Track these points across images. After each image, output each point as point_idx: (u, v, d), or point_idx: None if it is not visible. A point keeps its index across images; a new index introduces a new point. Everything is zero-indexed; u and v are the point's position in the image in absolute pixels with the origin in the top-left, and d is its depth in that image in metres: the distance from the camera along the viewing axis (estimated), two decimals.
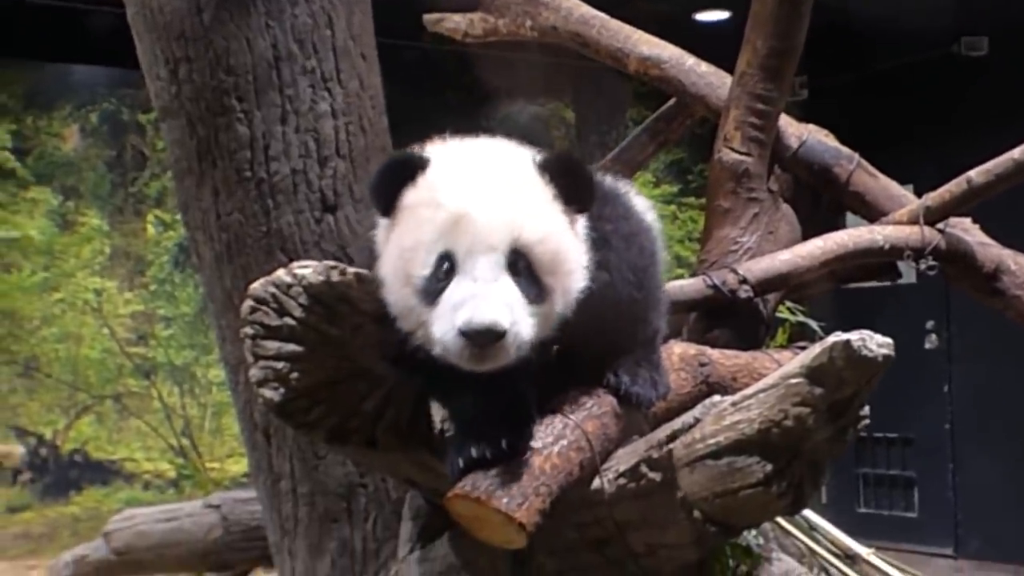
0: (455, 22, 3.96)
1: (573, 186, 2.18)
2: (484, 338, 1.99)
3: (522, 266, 2.08)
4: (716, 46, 3.80)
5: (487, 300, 2.00)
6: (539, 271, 2.10)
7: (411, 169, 2.15)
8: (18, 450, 8.56)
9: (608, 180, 2.52)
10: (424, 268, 2.08)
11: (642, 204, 2.58)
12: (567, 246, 2.16)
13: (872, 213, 3.48)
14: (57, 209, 8.71)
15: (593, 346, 2.31)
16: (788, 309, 3.84)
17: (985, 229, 3.46)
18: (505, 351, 2.02)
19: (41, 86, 8.71)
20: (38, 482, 8.62)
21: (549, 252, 2.11)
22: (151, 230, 9.07)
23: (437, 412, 2.34)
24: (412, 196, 2.14)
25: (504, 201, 2.10)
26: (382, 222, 2.21)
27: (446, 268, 2.06)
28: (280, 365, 2.24)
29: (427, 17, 4.03)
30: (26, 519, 8.53)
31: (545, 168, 2.18)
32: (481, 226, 2.06)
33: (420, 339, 2.12)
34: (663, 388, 2.47)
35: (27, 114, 8.65)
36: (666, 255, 2.66)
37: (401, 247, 2.12)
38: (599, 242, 2.26)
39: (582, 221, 2.24)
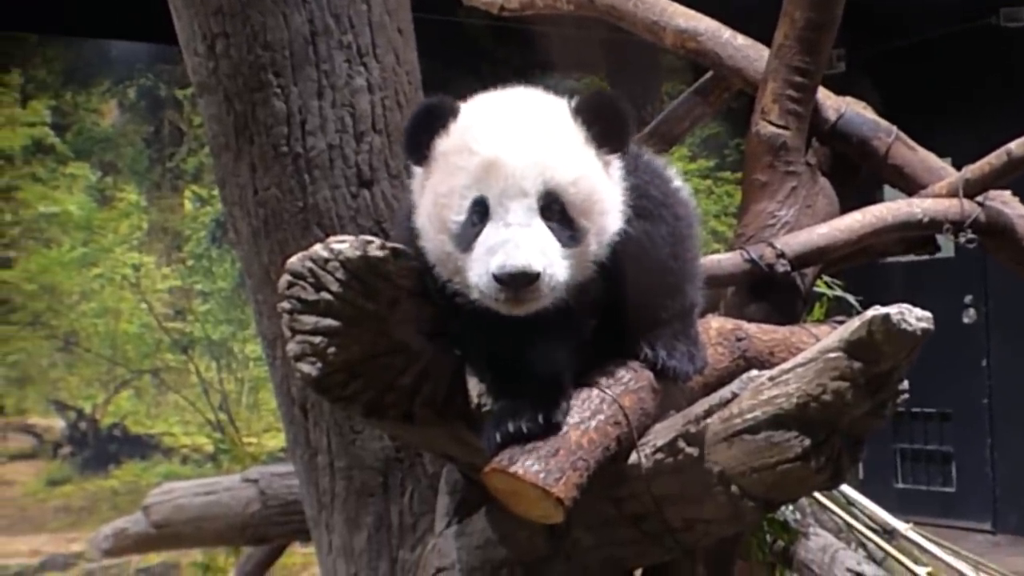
0: None
1: (608, 127, 2.19)
2: (518, 281, 2.03)
3: (555, 209, 2.11)
4: (753, 19, 3.77)
5: (519, 244, 2.03)
6: (572, 213, 2.12)
7: (442, 116, 2.18)
8: (58, 424, 8.64)
9: (642, 149, 2.52)
10: (458, 214, 2.12)
11: (677, 178, 2.58)
12: (600, 188, 2.17)
13: (911, 186, 3.46)
14: (95, 185, 8.75)
15: (629, 314, 2.30)
16: (826, 283, 3.82)
17: None
18: (540, 293, 2.06)
19: (80, 62, 8.75)
20: (78, 456, 8.69)
21: (582, 194, 2.13)
22: (188, 205, 9.11)
23: (474, 387, 2.34)
24: (445, 143, 2.17)
25: (535, 145, 2.11)
26: (417, 171, 2.25)
27: (480, 213, 2.09)
28: (317, 339, 2.25)
29: None
30: (66, 492, 8.61)
31: (579, 111, 2.20)
32: (513, 170, 2.08)
33: (458, 285, 2.17)
34: (700, 362, 2.46)
35: (66, 90, 8.69)
36: (702, 231, 2.65)
37: (436, 194, 2.15)
38: (636, 201, 2.27)
39: (617, 163, 2.24)
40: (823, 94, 3.42)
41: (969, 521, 9.99)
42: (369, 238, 2.27)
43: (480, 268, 2.06)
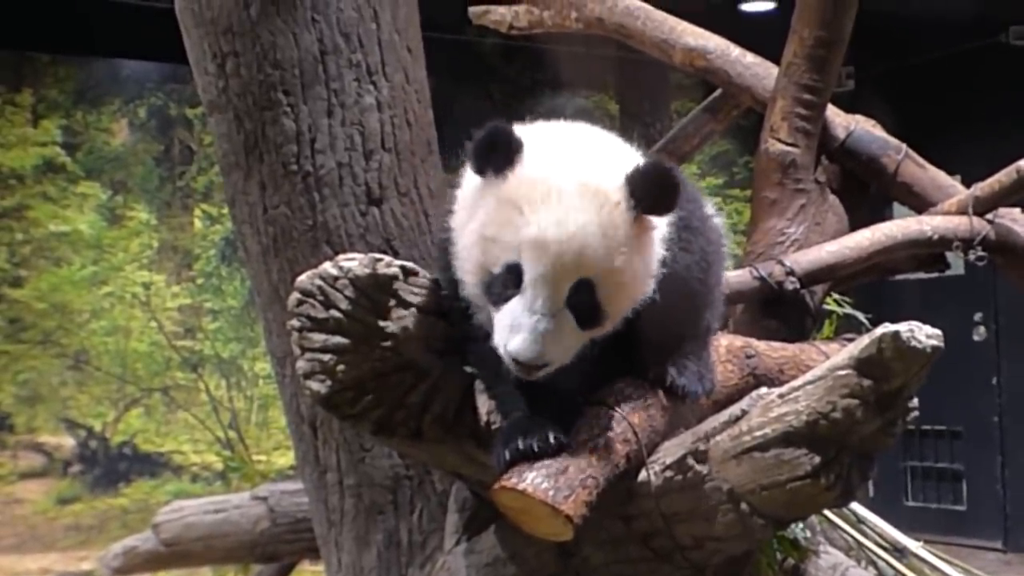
0: (500, 14, 3.96)
1: (660, 200, 2.17)
2: (524, 369, 2.10)
3: (584, 293, 2.12)
4: (762, 37, 3.78)
5: (537, 338, 2.08)
6: (601, 297, 2.14)
7: (507, 152, 2.15)
8: (69, 442, 8.65)
9: (681, 172, 2.53)
10: (496, 267, 2.13)
11: (709, 205, 2.58)
12: (636, 272, 2.18)
13: (920, 204, 3.46)
14: (106, 203, 8.79)
15: (646, 336, 2.30)
16: (835, 301, 3.82)
17: None
18: (549, 370, 2.13)
19: (90, 81, 8.80)
20: (88, 474, 8.71)
21: (616, 282, 2.15)
22: (198, 224, 9.13)
23: (483, 404, 2.34)
24: (504, 187, 2.15)
25: (582, 231, 2.10)
26: (473, 178, 2.22)
27: (514, 278, 2.11)
28: (326, 357, 2.25)
29: (472, 9, 4.03)
30: (76, 511, 8.62)
31: (633, 183, 2.16)
32: (555, 257, 2.09)
33: (482, 321, 2.21)
34: (709, 384, 2.46)
35: (77, 109, 8.73)
36: (729, 259, 2.67)
37: (482, 235, 2.15)
38: (683, 223, 2.29)
39: (664, 224, 2.24)
40: (832, 112, 3.42)
41: (980, 539, 9.96)
42: (378, 256, 2.28)
43: (499, 338, 2.11)
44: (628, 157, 2.26)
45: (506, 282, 2.12)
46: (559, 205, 2.12)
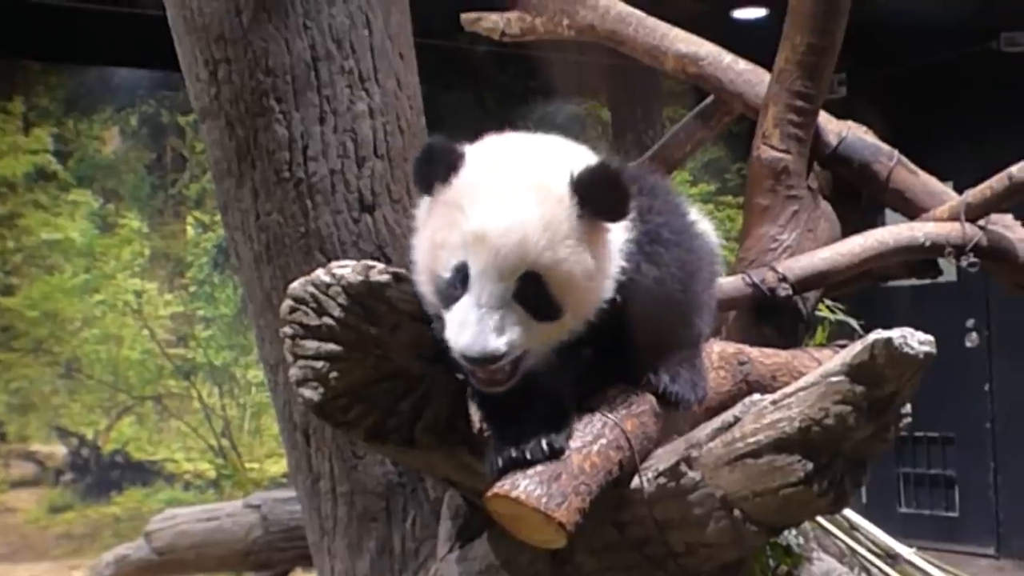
0: (493, 21, 3.96)
1: (606, 201, 2.18)
2: (478, 363, 2.09)
3: (531, 288, 2.12)
4: (754, 43, 3.78)
5: (483, 330, 2.08)
6: (552, 291, 2.14)
7: (447, 162, 2.19)
8: (60, 450, 8.63)
9: (659, 178, 2.53)
10: (445, 270, 2.15)
11: (694, 212, 2.59)
12: (585, 269, 2.17)
13: (912, 210, 3.46)
14: (98, 211, 8.78)
15: (636, 343, 2.30)
16: (827, 307, 3.82)
17: None
18: (504, 374, 2.13)
19: (82, 89, 8.79)
20: (80, 482, 8.69)
21: (563, 276, 2.15)
22: (190, 231, 9.13)
23: (476, 411, 2.34)
24: (446, 193, 2.18)
25: (523, 223, 2.12)
26: (424, 199, 2.27)
27: (461, 279, 2.12)
28: (319, 364, 2.25)
29: (465, 16, 4.03)
30: (68, 519, 8.60)
31: (577, 184, 2.17)
32: (496, 251, 2.10)
33: (438, 331, 2.20)
34: (701, 392, 2.46)
35: (68, 117, 8.72)
36: (722, 265, 2.67)
37: (432, 242, 2.19)
38: (648, 236, 2.28)
39: (619, 230, 2.24)
40: (824, 118, 3.43)
41: (972, 545, 9.96)
42: (371, 263, 2.28)
43: (450, 338, 2.11)
44: (580, 160, 2.25)
45: (454, 282, 2.13)
46: (498, 200, 2.14)
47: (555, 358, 2.22)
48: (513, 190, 2.15)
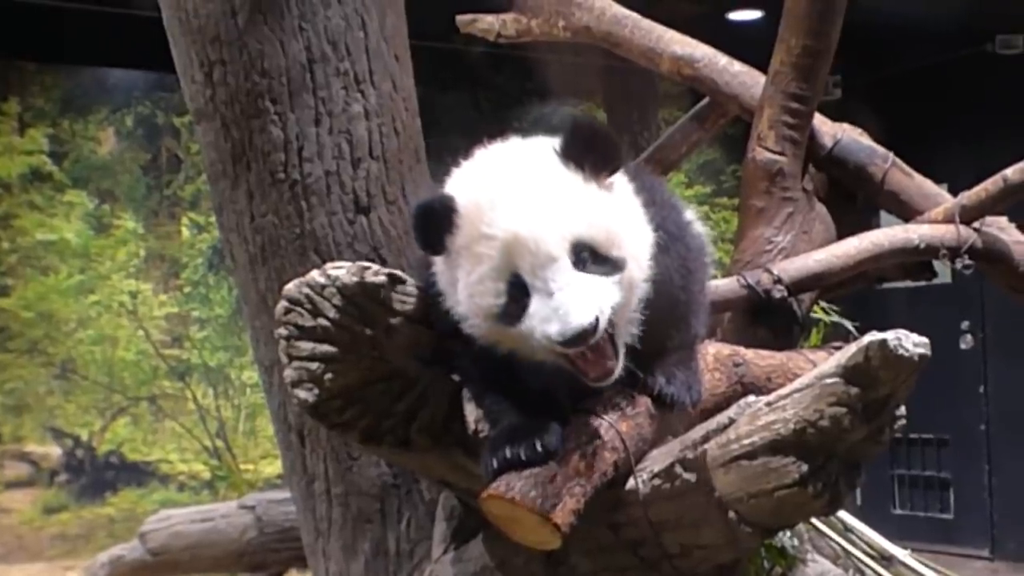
0: (488, 23, 3.96)
1: (598, 155, 2.20)
2: (582, 340, 2.05)
3: (586, 256, 2.12)
4: (749, 45, 3.78)
5: (569, 308, 2.05)
6: (603, 251, 2.14)
7: (443, 215, 2.17)
8: (55, 451, 8.62)
9: (656, 177, 2.54)
10: (498, 297, 2.13)
11: (689, 213, 2.60)
12: (616, 216, 2.19)
13: (907, 212, 3.46)
14: (93, 212, 8.77)
15: (633, 344, 2.30)
16: (823, 309, 3.82)
17: (1022, 227, 3.44)
18: (607, 355, 2.13)
19: (77, 90, 8.78)
20: (74, 483, 8.68)
21: (603, 231, 2.15)
22: (186, 233, 9.12)
23: (471, 412, 2.34)
24: (459, 239, 2.16)
25: (540, 207, 2.13)
26: (438, 260, 2.25)
27: (520, 289, 2.11)
28: (314, 366, 2.25)
29: (460, 18, 4.03)
30: (62, 520, 8.59)
31: (565, 152, 2.19)
32: (535, 242, 2.10)
33: (523, 356, 2.19)
34: (696, 393, 2.46)
35: (63, 118, 8.71)
36: (714, 267, 2.68)
37: (469, 284, 2.16)
38: (655, 227, 2.29)
39: (620, 178, 2.26)
40: (819, 120, 3.43)
41: (967, 547, 9.96)
42: (366, 264, 2.28)
43: (545, 341, 2.08)
44: (552, 140, 2.27)
45: (515, 297, 2.12)
46: (508, 204, 2.14)
47: (552, 360, 2.21)
48: (516, 190, 2.16)
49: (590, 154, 2.19)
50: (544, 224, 2.11)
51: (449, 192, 2.21)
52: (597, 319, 2.05)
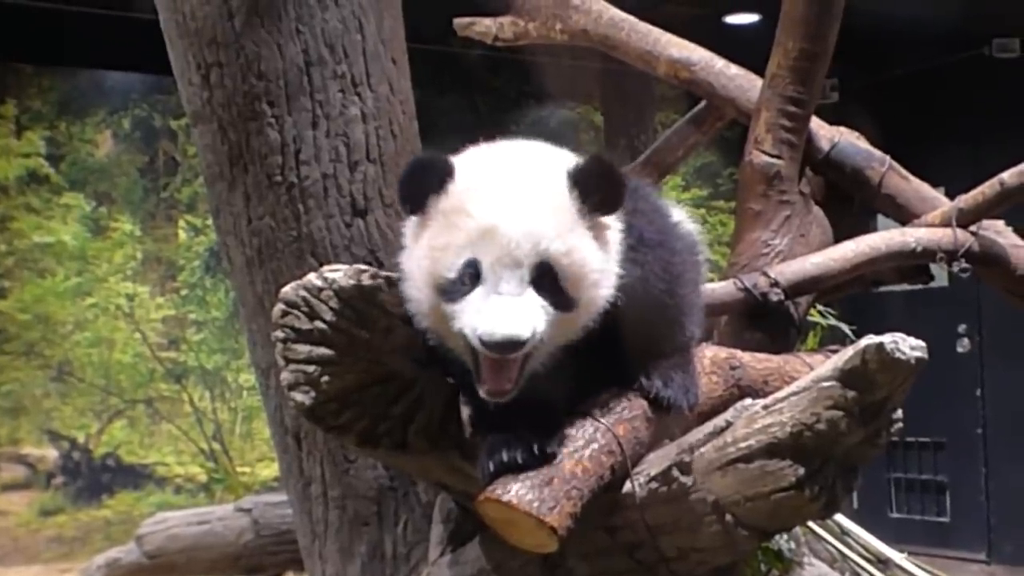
0: (485, 26, 3.96)
1: (603, 192, 2.20)
2: (504, 348, 2.06)
3: (547, 279, 2.13)
4: (746, 49, 3.78)
5: (507, 315, 2.06)
6: (564, 284, 2.15)
7: (439, 174, 2.19)
8: (52, 454, 8.62)
9: (641, 181, 2.54)
10: (450, 271, 2.13)
11: (679, 213, 2.59)
12: (592, 259, 2.19)
13: (904, 215, 3.46)
14: (90, 214, 8.76)
15: (627, 347, 2.31)
16: (819, 312, 3.83)
17: (1018, 231, 3.44)
18: (511, 377, 2.12)
19: (74, 93, 8.77)
20: (71, 486, 8.67)
21: (574, 266, 2.15)
22: (183, 235, 9.11)
23: (468, 415, 2.34)
24: (443, 202, 2.18)
25: (531, 214, 2.13)
26: (411, 219, 2.26)
27: (472, 275, 2.12)
28: (311, 369, 2.25)
29: (457, 21, 4.03)
30: (59, 523, 8.58)
31: (575, 177, 2.20)
32: (508, 240, 2.10)
33: (434, 336, 2.21)
34: (693, 396, 2.46)
35: (60, 120, 8.71)
36: (705, 266, 2.68)
37: (431, 247, 2.17)
38: (632, 238, 2.28)
39: (615, 225, 2.25)
40: (816, 124, 3.43)
41: (963, 551, 9.96)
42: (363, 267, 2.28)
43: (468, 330, 2.09)
44: (568, 158, 2.29)
45: (463, 278, 2.12)
46: (503, 196, 2.15)
47: (551, 361, 2.21)
48: (515, 187, 2.17)
49: (595, 192, 2.19)
50: (525, 230, 2.12)
51: (452, 159, 2.22)
52: (527, 340, 2.06)
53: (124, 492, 8.80)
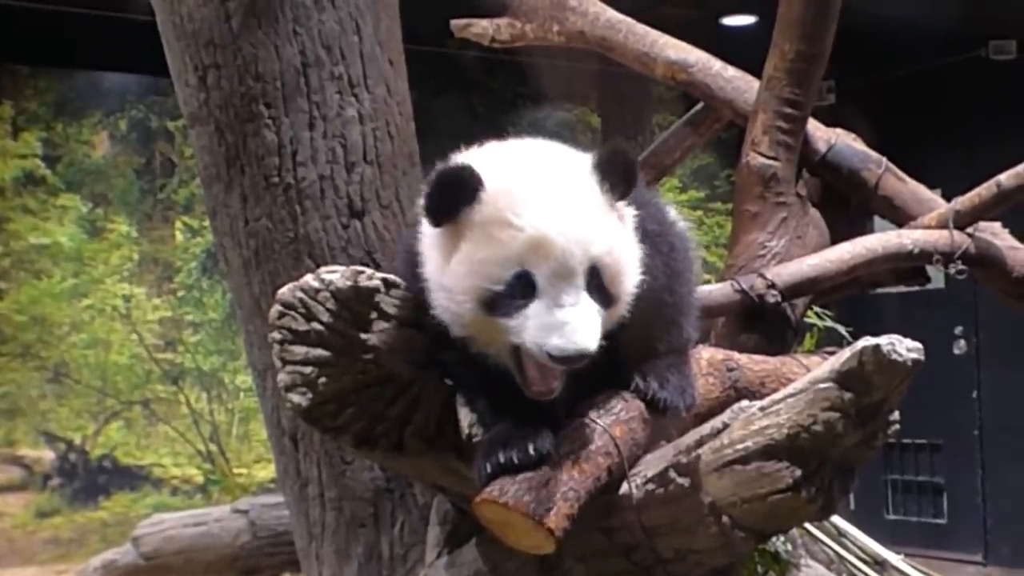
0: (483, 27, 3.96)
1: (622, 180, 2.22)
2: (572, 362, 2.08)
3: (595, 281, 2.14)
4: (743, 50, 3.79)
5: (576, 328, 2.07)
6: (607, 282, 2.16)
7: (471, 185, 2.15)
8: (48, 455, 8.61)
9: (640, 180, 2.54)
10: (497, 284, 2.11)
11: (672, 212, 2.59)
12: (625, 251, 2.22)
13: (901, 217, 3.46)
14: (86, 216, 8.76)
15: (624, 346, 2.30)
16: (816, 314, 3.82)
17: (1015, 233, 3.44)
18: (556, 378, 2.16)
19: (71, 94, 8.77)
20: (67, 487, 8.67)
21: (615, 263, 2.17)
22: (179, 236, 9.11)
23: (465, 417, 2.34)
24: (479, 213, 2.14)
25: (576, 220, 2.13)
26: (431, 231, 2.22)
27: (524, 288, 2.10)
28: (308, 370, 2.25)
29: (454, 22, 4.03)
30: (55, 524, 8.58)
31: (600, 169, 2.21)
32: (562, 251, 2.10)
33: (479, 346, 2.20)
34: (690, 398, 2.45)
35: (57, 122, 8.70)
36: (699, 266, 2.68)
37: (471, 261, 2.13)
38: (638, 229, 2.29)
39: (631, 210, 2.27)
40: (813, 125, 3.43)
41: (960, 553, 9.97)
42: (360, 268, 2.28)
43: (532, 344, 2.09)
44: (578, 153, 2.29)
45: (515, 292, 2.10)
46: (545, 202, 2.13)
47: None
48: (551, 191, 2.15)
49: (616, 177, 2.21)
50: (575, 238, 2.11)
51: (476, 167, 2.18)
52: (589, 351, 2.07)
53: (120, 494, 8.80)
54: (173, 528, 4.19)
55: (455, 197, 2.15)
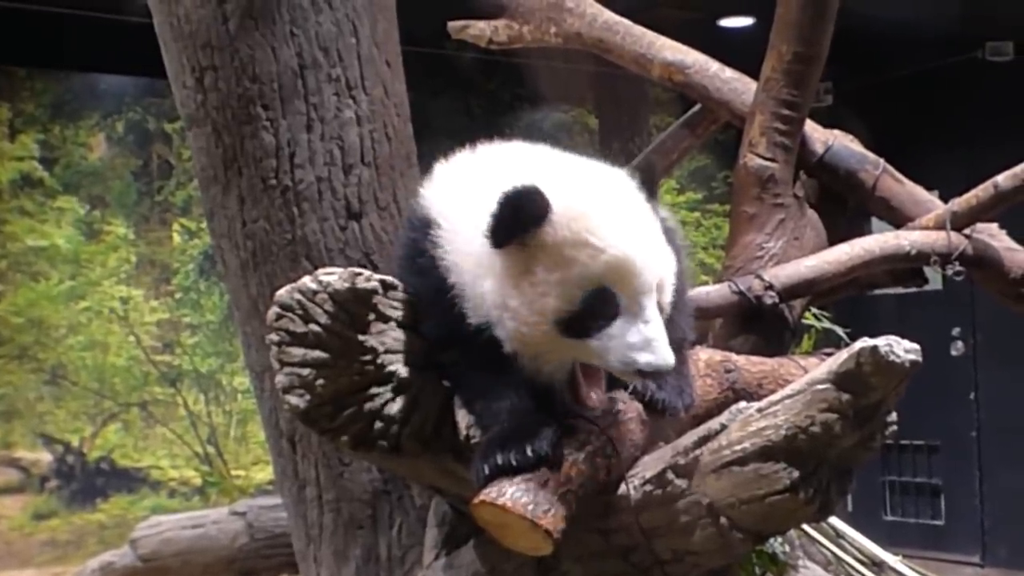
0: (480, 29, 3.96)
1: (654, 190, 2.30)
2: (660, 375, 2.18)
3: (656, 296, 2.20)
4: (740, 52, 3.79)
5: (660, 343, 2.14)
6: (662, 294, 2.23)
7: (538, 206, 2.14)
8: (46, 457, 8.61)
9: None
10: (570, 304, 2.13)
11: (663, 211, 2.59)
12: (669, 259, 2.27)
13: (898, 219, 3.46)
14: (83, 218, 8.75)
15: None
16: (814, 315, 3.83)
17: (1012, 234, 3.45)
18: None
19: (68, 96, 8.77)
20: (65, 489, 8.66)
21: (668, 276, 2.25)
22: (177, 238, 9.11)
23: (462, 418, 2.34)
24: (550, 234, 2.14)
25: (648, 238, 2.20)
26: (485, 250, 2.19)
27: (602, 305, 2.14)
28: (305, 372, 2.24)
29: (452, 24, 4.03)
30: (53, 526, 8.58)
31: (643, 183, 2.28)
32: (641, 270, 2.15)
33: (536, 363, 2.23)
34: (688, 399, 2.46)
35: (54, 124, 8.70)
36: (690, 264, 2.68)
37: (547, 282, 2.14)
38: None
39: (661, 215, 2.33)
40: (811, 127, 3.43)
41: (958, 554, 9.97)
42: (357, 270, 2.28)
43: (619, 362, 2.13)
44: (599, 162, 2.36)
45: (597, 311, 2.13)
46: (621, 221, 2.18)
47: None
48: (622, 210, 2.20)
49: (652, 191, 2.29)
50: (650, 255, 2.18)
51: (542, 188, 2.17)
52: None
53: (118, 496, 8.80)
54: (171, 530, 4.19)
55: (524, 221, 2.15)
